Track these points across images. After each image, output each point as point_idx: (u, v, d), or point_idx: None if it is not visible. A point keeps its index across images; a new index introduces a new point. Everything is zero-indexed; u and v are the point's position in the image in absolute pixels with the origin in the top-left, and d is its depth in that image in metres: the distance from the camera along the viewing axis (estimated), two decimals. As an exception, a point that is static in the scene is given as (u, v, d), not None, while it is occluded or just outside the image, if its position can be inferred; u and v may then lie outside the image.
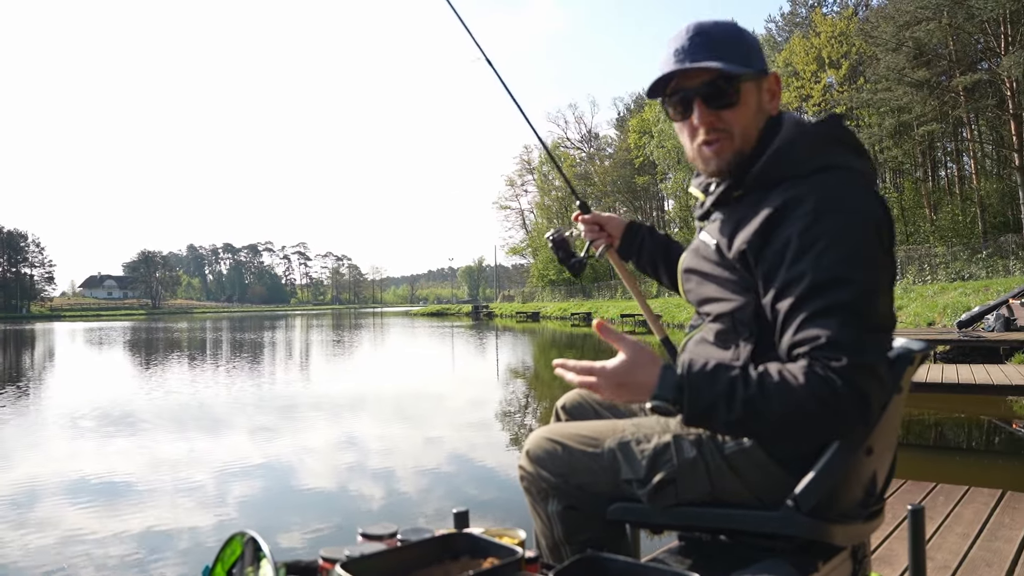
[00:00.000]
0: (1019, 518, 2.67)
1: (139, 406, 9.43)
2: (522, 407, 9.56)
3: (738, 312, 1.24)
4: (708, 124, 1.25)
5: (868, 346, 1.06)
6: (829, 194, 1.14)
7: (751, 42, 1.27)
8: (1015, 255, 23.81)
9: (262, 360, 17.33)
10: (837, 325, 1.05)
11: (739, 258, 1.21)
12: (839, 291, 1.07)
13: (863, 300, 1.07)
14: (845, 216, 1.11)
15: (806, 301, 1.09)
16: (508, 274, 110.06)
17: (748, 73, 1.23)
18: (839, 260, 1.08)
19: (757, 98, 1.26)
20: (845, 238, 1.10)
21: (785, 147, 1.22)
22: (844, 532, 1.24)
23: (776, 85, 1.29)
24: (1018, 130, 27.17)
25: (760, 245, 1.17)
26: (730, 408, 1.07)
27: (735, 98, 1.23)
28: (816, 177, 1.17)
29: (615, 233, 1.77)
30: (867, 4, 38.79)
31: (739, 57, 1.22)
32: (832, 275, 1.08)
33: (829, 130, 1.24)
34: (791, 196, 1.16)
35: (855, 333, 1.05)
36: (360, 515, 4.53)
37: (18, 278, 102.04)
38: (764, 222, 1.17)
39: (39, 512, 4.65)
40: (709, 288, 1.31)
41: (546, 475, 1.38)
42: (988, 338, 10.23)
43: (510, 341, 25.08)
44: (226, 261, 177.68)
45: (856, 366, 1.03)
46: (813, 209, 1.12)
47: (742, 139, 1.25)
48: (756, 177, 1.23)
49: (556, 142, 62.71)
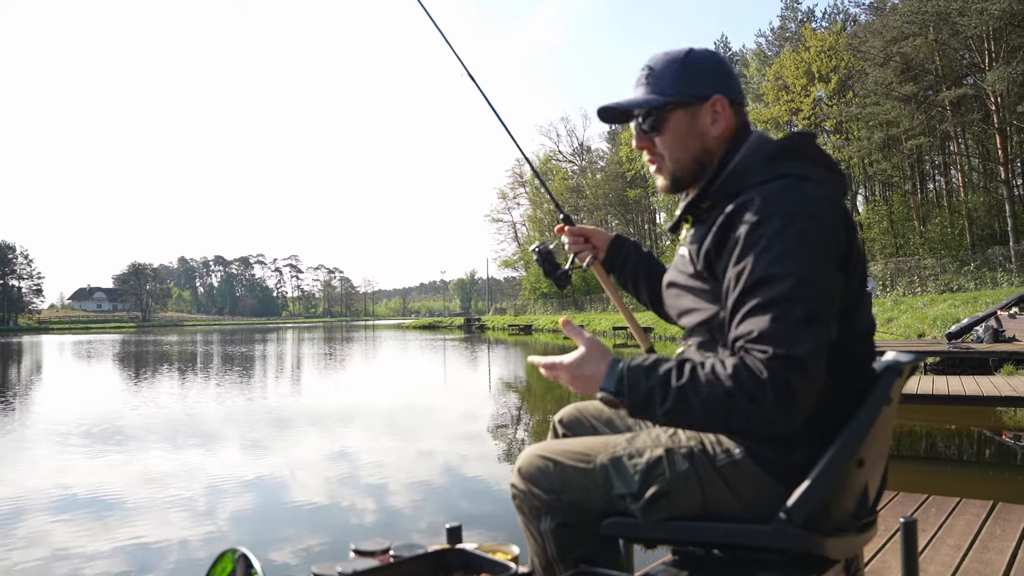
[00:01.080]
0: (1011, 529, 2.68)
1: (128, 420, 9.34)
2: (515, 420, 9.53)
3: (712, 320, 1.28)
4: (641, 149, 1.41)
5: (798, 339, 1.08)
6: (774, 198, 1.19)
7: (696, 69, 1.35)
8: (1002, 267, 24.04)
9: (253, 373, 17.23)
10: (768, 319, 1.10)
11: (705, 266, 1.28)
12: (773, 286, 1.11)
13: (798, 295, 1.10)
14: (785, 217, 1.16)
15: (744, 297, 1.14)
16: (500, 287, 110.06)
17: (669, 102, 1.33)
18: (776, 258, 1.13)
19: (689, 123, 1.35)
20: (784, 237, 1.14)
21: (744, 160, 1.30)
22: (837, 544, 1.24)
23: (722, 107, 1.34)
24: (1003, 144, 27.54)
25: (715, 251, 1.24)
26: (664, 398, 1.13)
27: (658, 124, 1.36)
28: (768, 184, 1.23)
29: (600, 245, 1.80)
30: (855, 20, 39.35)
31: (670, 87, 1.34)
32: (767, 272, 1.12)
33: (791, 143, 1.30)
34: (739, 203, 1.22)
35: (785, 326, 1.08)
36: (353, 530, 4.50)
37: (5, 290, 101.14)
38: (717, 229, 1.24)
39: (25, 528, 4.58)
40: (687, 299, 1.36)
41: (538, 492, 1.38)
42: (977, 350, 10.30)
43: (502, 354, 25.04)
44: (217, 274, 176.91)
45: (781, 357, 1.07)
46: (756, 212, 1.18)
47: (672, 161, 1.37)
48: (719, 189, 1.31)
49: (548, 155, 63.01)
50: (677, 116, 1.34)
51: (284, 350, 28.16)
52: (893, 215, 33.13)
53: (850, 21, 39.70)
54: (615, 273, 1.80)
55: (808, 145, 1.30)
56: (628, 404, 1.17)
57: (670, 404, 1.13)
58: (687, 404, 1.12)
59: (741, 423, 1.11)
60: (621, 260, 1.77)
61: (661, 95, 1.34)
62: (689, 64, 1.35)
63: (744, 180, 1.27)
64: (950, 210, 31.98)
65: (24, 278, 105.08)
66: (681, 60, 1.35)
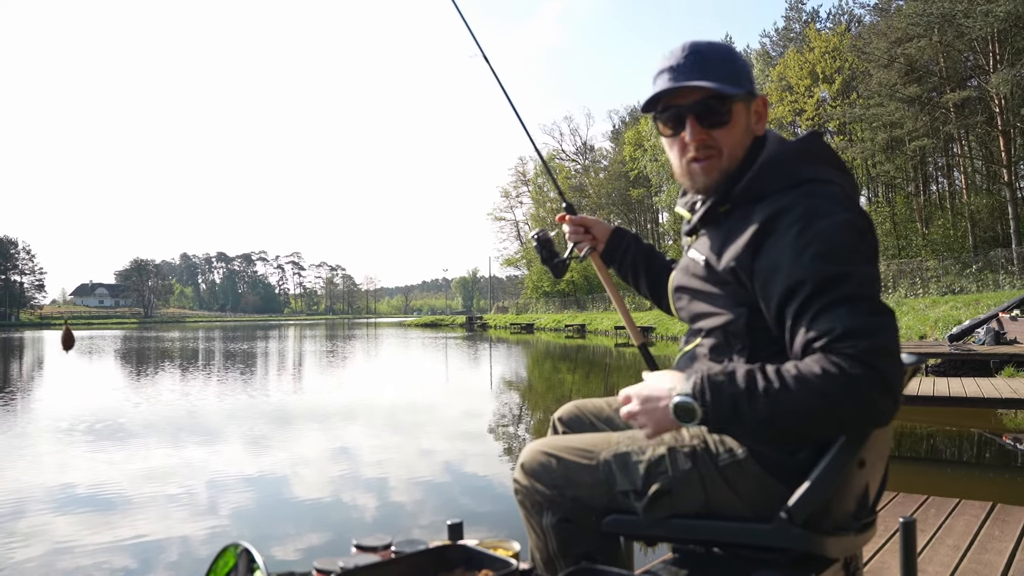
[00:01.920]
0: (1009, 531, 2.68)
1: (130, 416, 9.36)
2: (516, 418, 9.54)
3: (730, 325, 1.26)
4: (699, 141, 1.29)
5: (880, 328, 1.08)
6: (815, 203, 1.18)
7: (742, 64, 1.31)
8: (1005, 269, 24.01)
9: (256, 370, 17.25)
10: (848, 315, 1.08)
11: (730, 272, 1.24)
12: (842, 285, 1.11)
13: (865, 288, 1.11)
14: (831, 220, 1.15)
15: (813, 300, 1.11)
16: (502, 285, 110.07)
17: (739, 94, 1.27)
18: (835, 258, 1.12)
19: (746, 119, 1.30)
20: (836, 238, 1.14)
21: (770, 163, 1.27)
22: (837, 544, 1.24)
23: (763, 107, 1.33)
24: (1007, 146, 27.49)
25: (751, 258, 1.20)
26: (753, 404, 1.10)
27: (727, 117, 1.27)
28: (800, 189, 1.21)
29: (600, 237, 1.79)
30: (860, 21, 39.25)
31: (730, 78, 1.26)
32: (831, 272, 1.11)
33: (809, 146, 1.29)
34: (777, 208, 1.20)
35: (865, 319, 1.08)
36: (354, 526, 4.51)
37: (7, 285, 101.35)
38: (753, 235, 1.20)
39: (28, 522, 4.59)
40: (700, 304, 1.33)
41: (541, 488, 1.38)
42: (979, 351, 10.29)
43: (504, 352, 25.05)
44: (219, 270, 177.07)
45: (873, 349, 1.06)
46: (801, 216, 1.16)
47: (729, 158, 1.29)
48: (742, 193, 1.28)
49: (551, 154, 62.91)
50: (740, 109, 1.29)
51: (286, 347, 28.18)
52: (896, 217, 33.08)
53: (855, 22, 39.62)
54: (614, 265, 1.79)
55: (821, 147, 1.30)
56: (712, 413, 1.13)
57: (762, 411, 1.09)
58: (782, 410, 1.08)
59: (848, 421, 1.09)
60: (621, 252, 1.77)
61: (729, 84, 1.26)
62: (738, 58, 1.31)
63: (768, 184, 1.25)
64: (953, 212, 31.93)
65: (26, 273, 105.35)
66: (732, 52, 1.31)
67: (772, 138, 1.32)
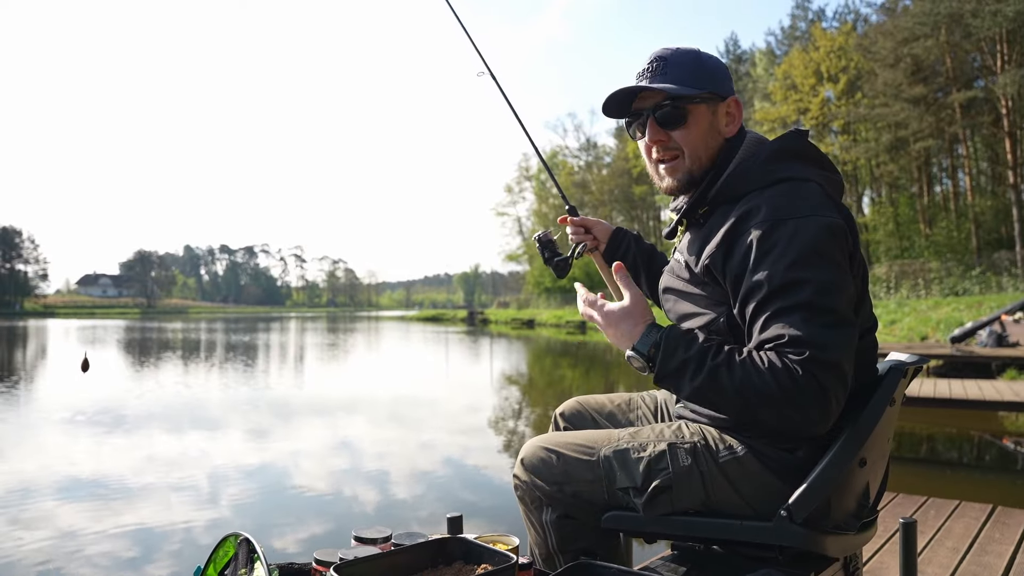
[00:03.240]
0: (1009, 533, 2.68)
1: (132, 406, 9.38)
2: (516, 413, 9.55)
3: (712, 325, 1.27)
4: (657, 143, 1.34)
5: (829, 342, 1.08)
6: (782, 203, 1.19)
7: (711, 67, 1.34)
8: (1008, 272, 23.96)
9: (257, 361, 17.28)
10: (798, 323, 1.09)
11: (706, 272, 1.26)
12: (798, 292, 1.11)
13: (820, 298, 1.11)
14: (797, 221, 1.15)
15: (768, 303, 1.13)
16: (504, 281, 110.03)
17: (698, 95, 1.30)
18: (794, 263, 1.12)
19: (710, 120, 1.33)
20: (799, 242, 1.14)
21: (744, 164, 1.28)
22: (837, 543, 1.24)
23: (736, 108, 1.34)
24: (1013, 148, 27.40)
25: (723, 258, 1.22)
26: (696, 373, 1.14)
27: (683, 119, 1.31)
28: (773, 188, 1.22)
29: (601, 237, 1.82)
30: (866, 20, 39.12)
31: (691, 80, 1.30)
32: (789, 277, 1.12)
33: (787, 144, 1.29)
34: (747, 208, 1.21)
35: (815, 329, 1.09)
36: (354, 518, 4.52)
37: (12, 274, 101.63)
38: (723, 235, 1.22)
39: (30, 509, 4.61)
40: (684, 305, 1.35)
41: (541, 484, 1.39)
42: (980, 354, 10.28)
43: (505, 347, 25.07)
44: (222, 262, 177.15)
45: (816, 360, 1.07)
46: (766, 218, 1.17)
47: (692, 158, 1.33)
48: (718, 194, 1.30)
49: (555, 150, 62.85)
50: (701, 111, 1.32)
51: (288, 339, 28.23)
52: (899, 217, 32.99)
53: (861, 21, 39.49)
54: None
55: (802, 145, 1.30)
56: (657, 370, 1.19)
57: (701, 380, 1.13)
58: (719, 386, 1.12)
59: (772, 419, 1.11)
60: (621, 252, 1.79)
61: (687, 87, 1.29)
62: (705, 61, 1.34)
63: (744, 184, 1.26)
64: (957, 213, 31.82)
65: (30, 262, 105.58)
66: (697, 56, 1.34)
67: (751, 139, 1.33)
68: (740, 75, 45.87)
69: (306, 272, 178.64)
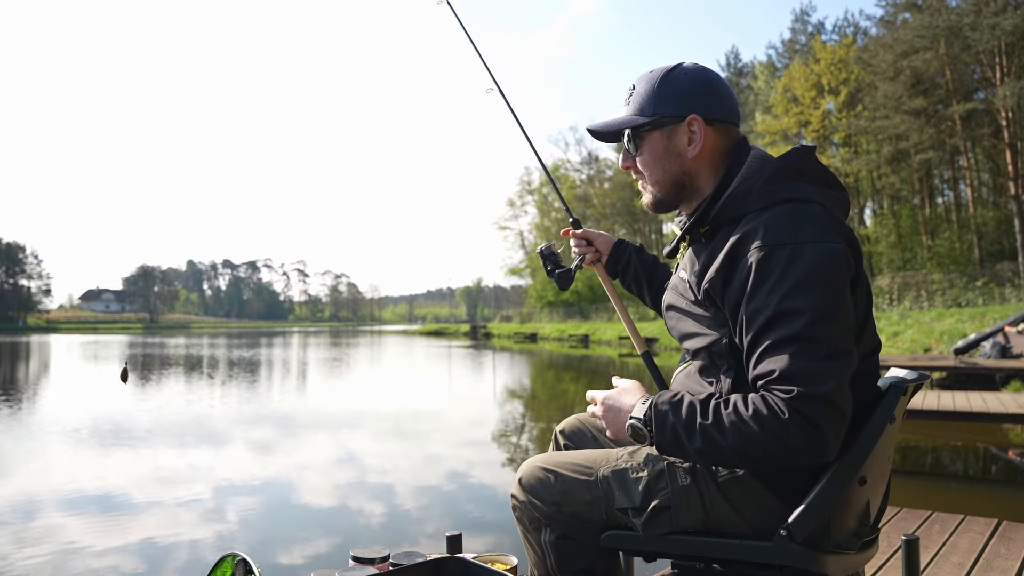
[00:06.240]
0: (1015, 548, 2.66)
1: (134, 422, 9.37)
2: (518, 429, 9.51)
3: (714, 346, 1.26)
4: (624, 168, 1.43)
5: (820, 375, 1.07)
6: (778, 226, 1.16)
7: (675, 88, 1.32)
8: (1011, 283, 23.91)
9: (260, 377, 17.26)
10: (788, 357, 1.08)
11: (706, 296, 1.25)
12: (790, 323, 1.09)
13: (814, 329, 1.09)
14: (793, 248, 1.13)
15: (761, 336, 1.12)
16: (507, 295, 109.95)
17: (648, 122, 1.33)
18: (789, 292, 1.11)
19: (664, 144, 1.33)
20: (795, 269, 1.11)
21: (746, 183, 1.25)
22: (838, 563, 1.23)
23: (698, 127, 1.30)
24: (1014, 159, 27.43)
25: (722, 284, 1.21)
26: (691, 438, 1.14)
27: (638, 148, 1.36)
28: (770, 211, 1.20)
29: (603, 249, 1.84)
30: (866, 33, 39.32)
31: (648, 107, 1.33)
32: (782, 308, 1.10)
33: (791, 163, 1.25)
34: (745, 232, 1.19)
35: (805, 363, 1.07)
36: (354, 535, 4.49)
37: (15, 290, 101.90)
38: (722, 261, 1.21)
39: (33, 525, 4.60)
40: (687, 324, 1.33)
41: (539, 504, 1.38)
42: (984, 365, 10.23)
43: (507, 361, 25.02)
44: (225, 276, 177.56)
45: (804, 397, 1.06)
46: (764, 243, 1.15)
47: (651, 183, 1.37)
48: (719, 214, 1.28)
49: (557, 163, 63.04)
50: (654, 137, 1.34)
51: (291, 354, 28.21)
52: (901, 229, 32.99)
53: (861, 34, 39.68)
54: (617, 276, 1.84)
55: (808, 163, 1.26)
56: (656, 440, 1.20)
57: (700, 444, 1.14)
58: (716, 446, 1.13)
59: (775, 462, 1.12)
60: (623, 264, 1.82)
61: (640, 115, 1.34)
62: (668, 83, 1.32)
63: (745, 205, 1.24)
64: (959, 225, 31.82)
65: (33, 278, 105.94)
66: (660, 79, 1.33)
67: (755, 155, 1.29)
68: (741, 88, 46.10)
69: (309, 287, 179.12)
